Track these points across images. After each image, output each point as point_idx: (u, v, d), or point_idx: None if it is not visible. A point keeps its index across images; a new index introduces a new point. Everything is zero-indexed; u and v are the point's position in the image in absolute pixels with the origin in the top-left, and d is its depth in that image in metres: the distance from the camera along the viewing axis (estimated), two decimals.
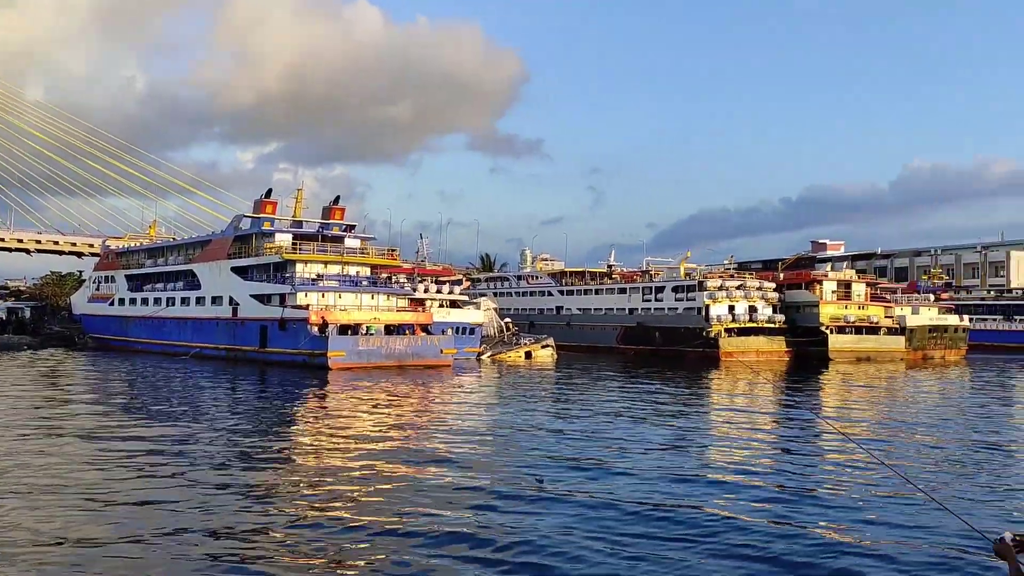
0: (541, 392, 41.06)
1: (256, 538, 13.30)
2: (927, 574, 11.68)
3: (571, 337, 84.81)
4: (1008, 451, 23.79)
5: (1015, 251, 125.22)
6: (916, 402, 39.07)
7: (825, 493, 17.37)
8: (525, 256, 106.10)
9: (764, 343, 74.44)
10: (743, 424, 29.91)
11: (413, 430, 26.60)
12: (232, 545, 12.86)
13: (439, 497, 16.28)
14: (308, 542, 13.07)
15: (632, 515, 14.97)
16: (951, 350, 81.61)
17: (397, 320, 58.85)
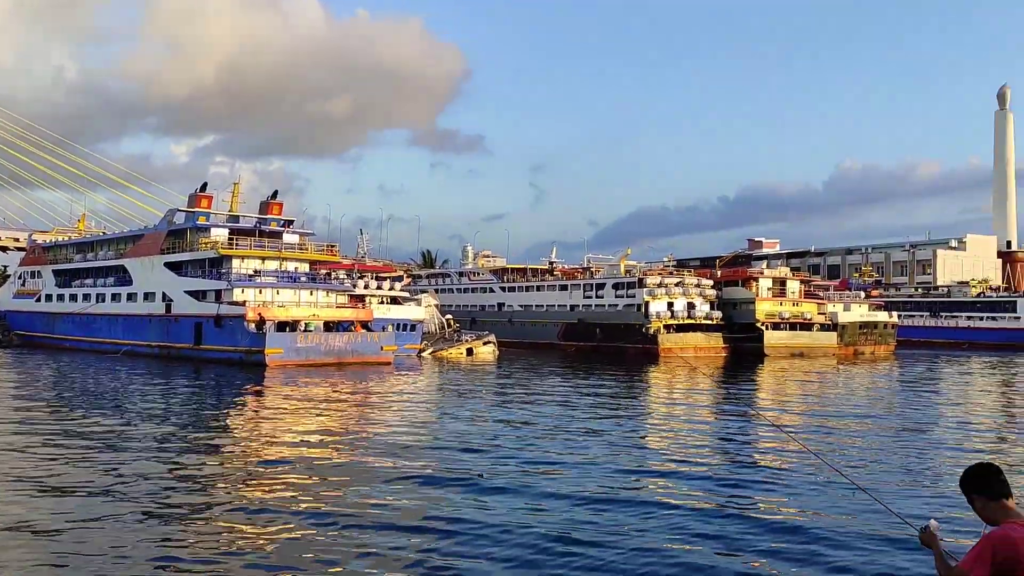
0: (483, 388, 41.00)
1: (187, 539, 12.95)
2: (857, 561, 11.93)
3: (513, 334, 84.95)
4: (933, 443, 24.53)
5: (941, 250, 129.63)
6: (847, 396, 40.09)
7: (760, 483, 17.67)
8: (467, 253, 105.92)
9: (702, 339, 75.64)
10: (681, 417, 30.32)
11: (352, 427, 26.28)
12: (164, 544, 12.50)
13: (379, 494, 16.08)
14: (243, 540, 12.78)
15: (575, 506, 15.00)
16: (880, 346, 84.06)
17: (336, 317, 58.14)
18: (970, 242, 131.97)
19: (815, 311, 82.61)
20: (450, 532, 13.32)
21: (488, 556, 12.04)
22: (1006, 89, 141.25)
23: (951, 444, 24.24)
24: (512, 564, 11.69)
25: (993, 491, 4.26)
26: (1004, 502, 4.23)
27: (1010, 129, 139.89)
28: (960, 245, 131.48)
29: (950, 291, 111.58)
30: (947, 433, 26.78)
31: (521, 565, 11.66)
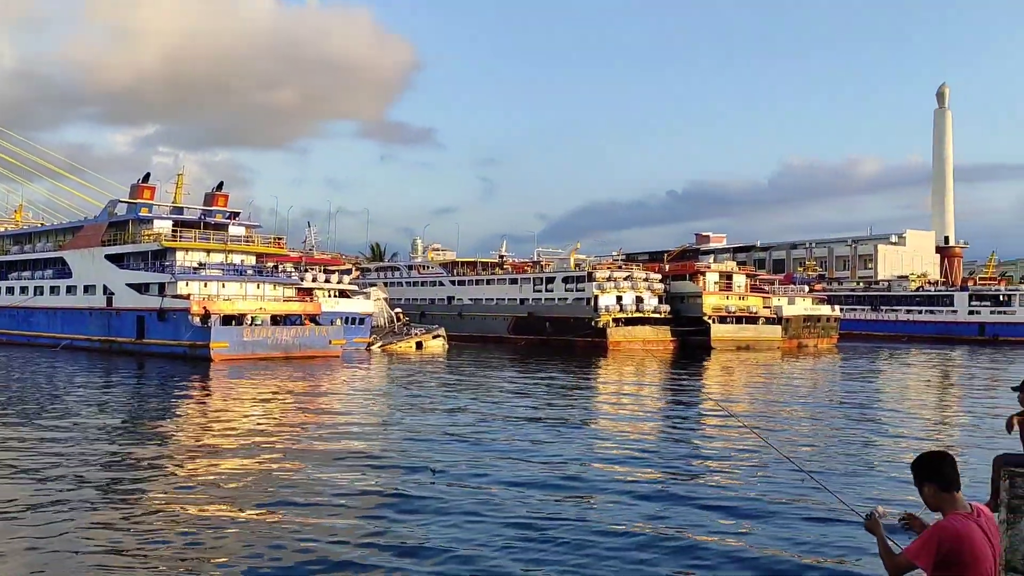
0: (432, 382, 40.81)
1: (126, 537, 12.60)
2: (802, 547, 12.10)
3: (462, 327, 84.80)
4: (876, 432, 25.08)
5: (882, 245, 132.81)
6: (793, 387, 40.84)
7: (709, 471, 17.88)
8: (416, 246, 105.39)
9: (650, 332, 76.38)
10: (630, 407, 30.55)
11: (301, 421, 25.90)
12: (101, 545, 12.13)
13: (328, 489, 15.85)
14: (183, 536, 12.47)
15: (526, 494, 14.99)
16: (823, 339, 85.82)
17: (284, 310, 57.33)
18: (910, 237, 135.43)
19: (760, 305, 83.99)
20: (400, 521, 13.20)
21: (440, 544, 11.94)
22: (945, 88, 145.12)
23: (892, 433, 24.83)
24: (465, 551, 11.60)
25: (947, 481, 4.31)
26: (954, 494, 4.28)
27: (948, 127, 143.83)
28: (900, 240, 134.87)
29: (890, 285, 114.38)
30: (888, 423, 27.42)
31: (472, 554, 11.57)
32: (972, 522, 4.15)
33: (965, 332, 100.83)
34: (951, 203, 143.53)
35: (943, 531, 4.12)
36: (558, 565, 11.30)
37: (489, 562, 11.42)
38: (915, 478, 4.43)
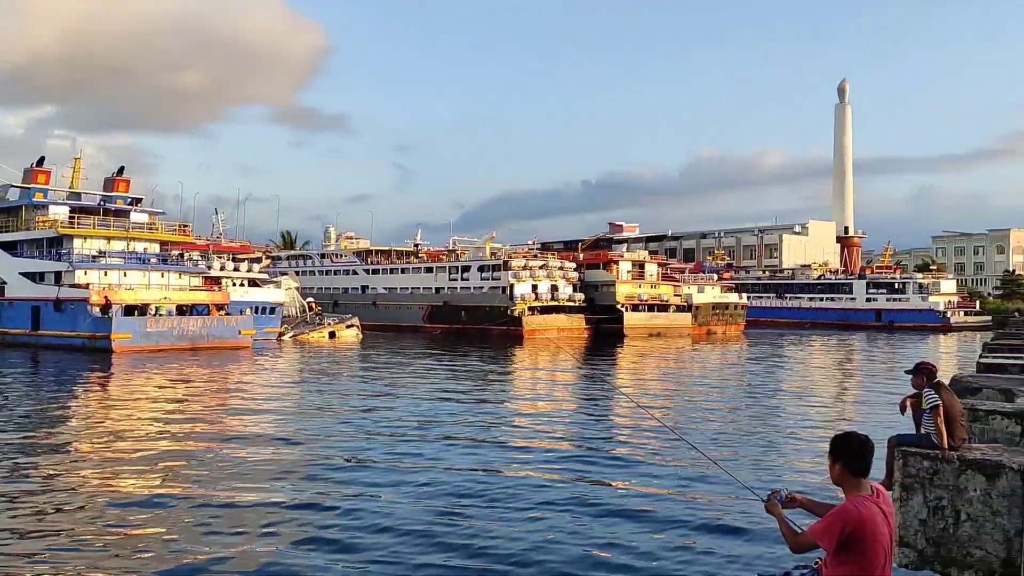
0: (346, 372, 40.20)
1: (26, 537, 11.94)
2: (706, 530, 12.35)
3: (377, 317, 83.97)
4: (777, 416, 25.89)
5: (787, 235, 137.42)
6: (701, 374, 41.82)
7: (618, 457, 18.08)
8: (329, 234, 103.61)
9: (565, 320, 77.12)
10: (544, 396, 30.75)
11: (209, 413, 25.08)
12: None
13: (239, 481, 15.38)
14: (88, 535, 11.90)
15: (443, 483, 14.87)
16: (731, 325, 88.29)
17: (190, 300, 55.55)
18: (812, 227, 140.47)
19: (672, 293, 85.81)
20: (316, 516, 12.92)
21: (353, 538, 11.72)
22: (845, 83, 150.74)
23: (793, 417, 25.66)
24: (381, 545, 11.42)
25: (859, 467, 4.39)
26: (861, 480, 4.37)
27: (848, 122, 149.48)
28: (803, 230, 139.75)
29: (794, 274, 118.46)
30: (790, 406, 28.35)
31: (389, 547, 11.40)
32: (874, 504, 4.24)
33: (863, 319, 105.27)
34: (850, 195, 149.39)
35: (847, 514, 4.20)
36: (463, 551, 11.25)
37: (400, 554, 11.26)
38: (831, 452, 4.48)
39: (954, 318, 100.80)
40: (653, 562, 11.02)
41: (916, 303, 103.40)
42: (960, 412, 8.53)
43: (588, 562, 11.01)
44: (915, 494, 8.03)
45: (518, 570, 10.68)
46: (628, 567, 10.82)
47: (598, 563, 10.98)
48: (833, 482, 4.48)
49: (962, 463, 7.91)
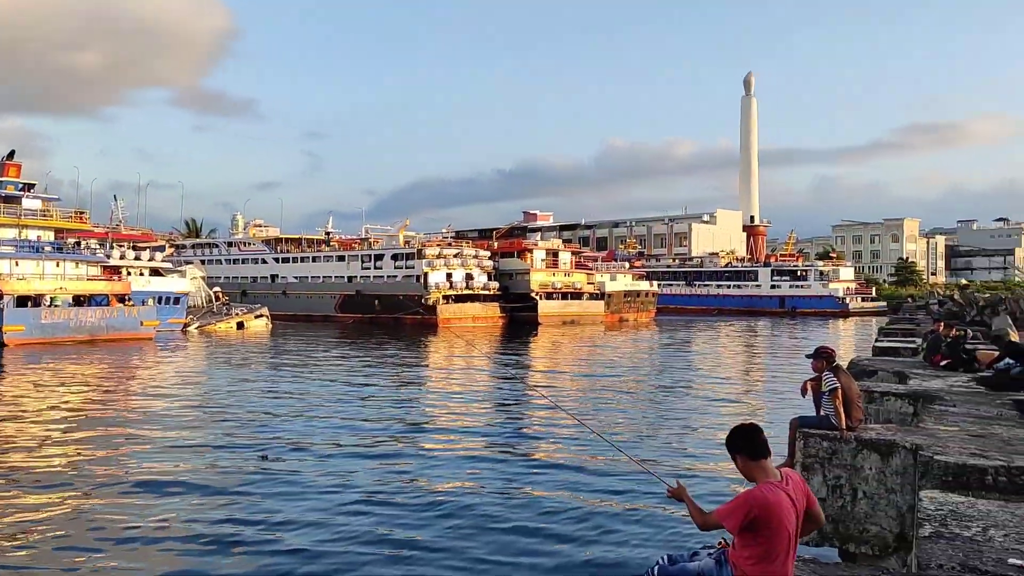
0: (255, 363, 39.21)
1: None
2: (616, 517, 12.50)
3: (287, 306, 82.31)
4: (686, 402, 26.47)
5: (696, 224, 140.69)
6: (613, 362, 42.43)
7: (529, 449, 18.15)
8: (236, 222, 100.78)
9: (480, 309, 77.12)
10: (457, 386, 30.64)
11: (109, 409, 24.05)
12: None
13: (148, 480, 14.78)
14: None
15: (354, 482, 14.62)
16: (643, 313, 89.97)
17: (88, 290, 53.25)
18: (720, 216, 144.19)
19: (585, 281, 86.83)
20: (234, 512, 12.54)
21: (269, 532, 11.41)
22: (751, 76, 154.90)
23: (701, 402, 26.29)
24: (293, 542, 11.14)
25: (754, 451, 4.48)
26: (763, 462, 4.46)
27: (754, 114, 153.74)
28: (711, 219, 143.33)
29: (703, 262, 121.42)
30: (698, 392, 29.02)
31: (300, 544, 11.13)
32: (781, 490, 4.34)
33: (768, 305, 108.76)
34: (756, 185, 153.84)
35: (752, 499, 4.29)
36: (380, 545, 11.10)
37: (319, 543, 11.03)
38: (729, 451, 4.57)
39: (852, 304, 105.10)
40: (567, 547, 11.08)
41: (817, 290, 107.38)
42: (857, 394, 8.83)
43: (504, 551, 10.99)
44: (815, 473, 8.27)
45: (429, 555, 10.59)
46: (540, 552, 10.85)
47: (513, 550, 10.97)
48: (745, 477, 4.55)
49: (858, 443, 8.18)
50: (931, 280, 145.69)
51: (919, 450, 7.72)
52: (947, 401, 10.97)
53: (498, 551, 10.87)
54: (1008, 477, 6.83)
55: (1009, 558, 4.97)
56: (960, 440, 8.23)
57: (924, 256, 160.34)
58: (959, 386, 12.79)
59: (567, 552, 10.90)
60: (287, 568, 10.33)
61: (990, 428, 9.08)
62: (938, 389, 12.17)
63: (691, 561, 4.63)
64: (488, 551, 10.85)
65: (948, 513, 5.89)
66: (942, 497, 6.36)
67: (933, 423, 9.40)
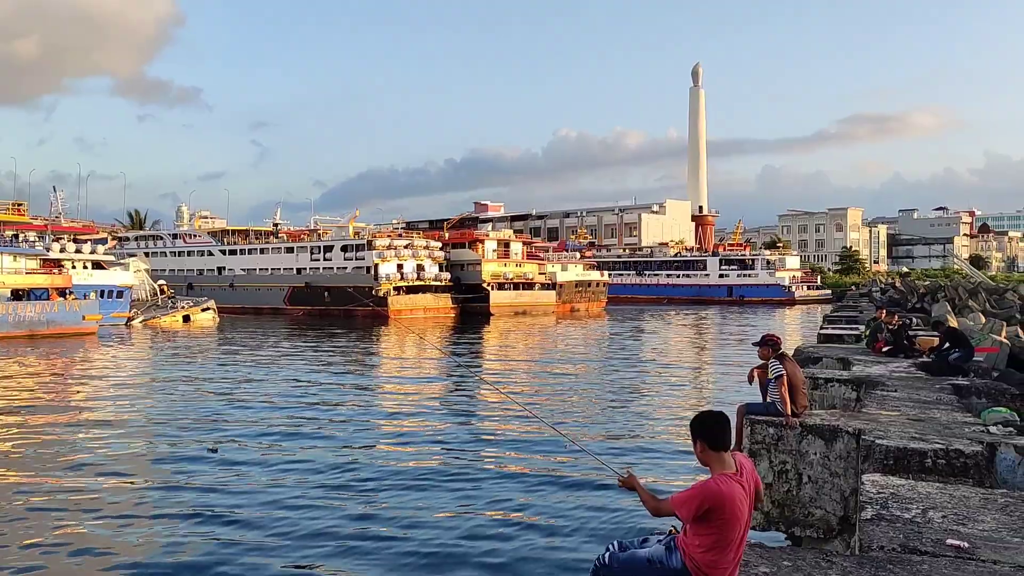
0: (202, 357, 38.51)
1: None
2: (566, 509, 12.58)
3: (235, 299, 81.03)
4: (636, 392, 26.72)
5: (645, 214, 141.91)
6: (564, 352, 42.64)
7: (481, 440, 18.15)
8: (181, 213, 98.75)
9: (431, 300, 76.82)
10: (409, 379, 30.54)
11: (50, 407, 23.40)
12: None
13: (90, 481, 14.41)
14: None
15: (308, 475, 14.46)
16: (594, 303, 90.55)
17: (26, 284, 51.71)
18: (669, 206, 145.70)
19: (536, 271, 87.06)
20: (186, 512, 12.31)
21: (218, 532, 11.22)
22: (699, 67, 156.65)
23: (650, 391, 26.58)
24: (246, 535, 10.98)
25: (714, 442, 4.51)
26: (722, 453, 4.50)
27: (702, 104, 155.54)
28: (661, 209, 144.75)
29: (652, 251, 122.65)
30: (648, 381, 29.33)
31: (254, 535, 10.98)
32: (735, 482, 4.39)
33: (717, 294, 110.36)
34: (704, 175, 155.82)
35: (707, 491, 4.33)
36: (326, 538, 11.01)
37: (268, 537, 10.88)
38: (692, 434, 4.60)
39: (798, 292, 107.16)
40: (517, 537, 11.11)
41: (764, 279, 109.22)
42: (802, 381, 9.00)
43: (451, 544, 10.98)
44: (762, 459, 8.41)
45: (376, 545, 10.54)
46: (490, 544, 10.87)
47: (461, 543, 10.96)
48: (699, 462, 4.59)
49: (803, 429, 8.35)
50: (874, 268, 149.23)
51: (861, 435, 7.90)
52: (888, 387, 11.24)
53: (445, 544, 10.84)
54: (947, 460, 7.03)
55: (947, 538, 5.11)
56: (901, 424, 8.44)
57: (867, 245, 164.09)
58: (900, 372, 13.12)
59: (517, 542, 10.93)
60: (235, 558, 10.19)
61: (929, 412, 9.33)
62: (880, 375, 12.47)
63: (641, 548, 4.67)
64: (435, 544, 10.81)
65: (889, 496, 6.03)
66: (884, 480, 6.52)
67: (875, 408, 9.63)
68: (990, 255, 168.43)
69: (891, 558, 4.79)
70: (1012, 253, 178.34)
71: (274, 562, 10.27)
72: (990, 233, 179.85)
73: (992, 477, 7.15)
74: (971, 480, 6.81)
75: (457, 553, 10.54)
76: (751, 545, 4.79)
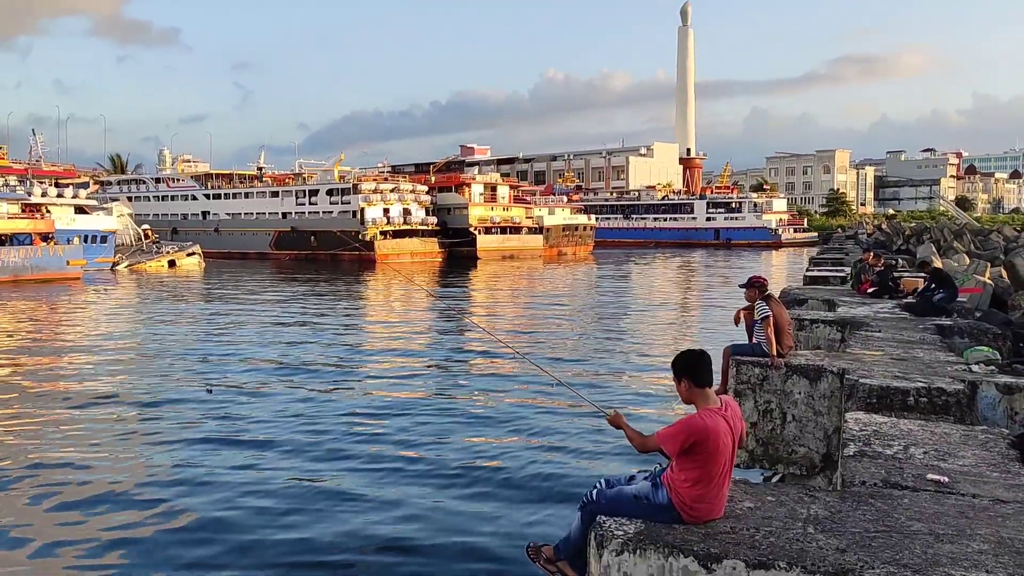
0: (189, 302, 38.40)
1: None
2: (556, 448, 12.73)
3: (220, 244, 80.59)
4: (623, 334, 26.88)
5: (633, 157, 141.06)
6: (553, 295, 42.76)
7: (466, 383, 18.28)
8: (164, 157, 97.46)
9: (418, 245, 76.62)
10: (397, 323, 30.61)
11: (39, 350, 23.34)
12: None
13: (91, 416, 14.45)
14: None
15: (306, 420, 14.56)
16: (581, 247, 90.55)
17: (9, 229, 51.22)
18: (657, 149, 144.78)
19: (523, 215, 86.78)
20: (186, 452, 12.40)
21: (221, 468, 11.32)
22: (687, 6, 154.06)
23: (639, 332, 26.76)
24: (247, 479, 11.08)
25: (698, 378, 4.60)
26: (706, 390, 4.60)
27: (691, 45, 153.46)
28: (648, 152, 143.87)
29: (640, 195, 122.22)
30: (636, 322, 29.52)
31: (253, 481, 11.08)
32: (719, 416, 4.48)
33: (704, 237, 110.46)
34: (692, 117, 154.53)
35: (692, 424, 4.41)
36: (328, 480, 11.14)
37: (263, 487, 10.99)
38: (675, 373, 4.66)
39: (785, 235, 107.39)
40: (505, 479, 11.26)
41: (751, 221, 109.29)
42: (788, 322, 9.06)
43: (441, 488, 11.11)
44: (747, 399, 8.51)
45: (369, 490, 10.67)
46: (479, 485, 11.01)
47: (448, 485, 11.10)
48: (683, 400, 4.66)
49: (788, 369, 8.43)
50: (860, 210, 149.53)
51: (845, 374, 7.99)
52: (873, 327, 11.34)
53: (435, 489, 10.95)
54: (928, 398, 7.12)
55: (928, 473, 5.21)
56: (884, 364, 8.54)
57: (854, 187, 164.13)
58: (884, 312, 13.23)
59: (507, 483, 11.06)
60: (239, 502, 10.29)
61: (912, 352, 9.44)
62: (864, 316, 12.57)
63: (628, 484, 4.75)
64: (424, 491, 10.89)
65: (872, 433, 6.12)
66: (866, 418, 6.61)
67: (859, 348, 9.73)
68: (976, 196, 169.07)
69: (872, 493, 4.88)
70: (998, 194, 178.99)
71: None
72: (976, 175, 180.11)
73: (973, 415, 7.27)
74: (952, 418, 6.92)
75: (441, 500, 10.60)
76: (735, 482, 4.87)
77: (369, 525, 9.49)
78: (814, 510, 4.57)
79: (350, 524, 9.49)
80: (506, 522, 9.60)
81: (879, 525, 4.34)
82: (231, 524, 9.58)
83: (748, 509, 4.60)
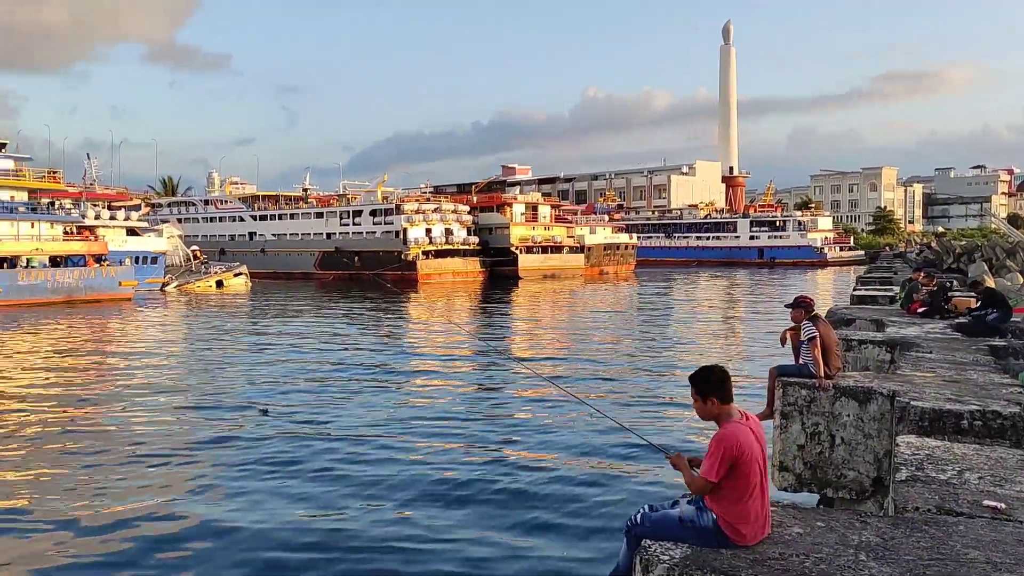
0: (238, 321, 39.02)
1: None
2: (599, 477, 12.63)
3: (266, 264, 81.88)
4: (669, 360, 26.58)
5: (675, 175, 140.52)
6: (595, 318, 42.57)
7: (517, 419, 17.98)
8: (213, 179, 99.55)
9: (460, 264, 77.01)
10: (440, 350, 30.71)
11: (96, 369, 23.87)
12: None
13: (152, 438, 14.75)
14: None
15: (353, 442, 14.67)
16: (623, 266, 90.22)
17: (64, 251, 52.60)
18: (699, 168, 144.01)
19: (565, 235, 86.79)
20: (248, 467, 12.65)
21: (287, 486, 11.47)
22: (729, 25, 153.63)
23: (684, 360, 26.47)
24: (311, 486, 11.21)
25: (726, 395, 4.61)
26: (730, 405, 4.57)
27: (733, 63, 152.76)
28: (690, 171, 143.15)
29: (682, 214, 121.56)
30: (679, 346, 29.23)
31: (305, 500, 11.21)
32: (745, 427, 4.47)
33: (747, 256, 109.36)
34: (735, 135, 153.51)
35: (725, 440, 4.40)
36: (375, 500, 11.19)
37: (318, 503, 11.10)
38: (698, 392, 4.62)
39: (830, 254, 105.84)
40: (548, 505, 11.19)
41: (796, 240, 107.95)
42: (835, 342, 8.92)
43: (485, 513, 11.10)
44: (794, 421, 8.37)
45: (418, 514, 10.70)
46: (522, 512, 10.98)
47: (495, 512, 11.08)
48: (703, 417, 4.65)
49: (837, 390, 8.28)
50: (909, 228, 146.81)
51: (896, 396, 7.83)
52: (923, 348, 11.11)
53: (480, 515, 10.89)
54: (983, 421, 6.95)
55: (984, 499, 5.08)
56: (936, 386, 8.35)
57: (902, 205, 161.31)
58: (935, 333, 12.95)
59: (549, 510, 10.96)
60: (308, 521, 10.40)
61: (965, 374, 9.22)
62: (915, 336, 12.32)
63: (672, 508, 4.72)
64: (470, 516, 10.82)
65: (924, 457, 5.99)
66: (919, 442, 6.47)
67: (910, 370, 9.53)
68: None
69: (926, 519, 4.77)
70: None
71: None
72: None
73: None
74: (1008, 442, 6.74)
75: (486, 524, 10.53)
76: (783, 506, 4.80)
77: (431, 559, 9.45)
78: (866, 536, 4.49)
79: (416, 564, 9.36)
80: (564, 553, 9.55)
81: (934, 553, 4.24)
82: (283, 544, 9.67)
83: (797, 535, 4.53)
